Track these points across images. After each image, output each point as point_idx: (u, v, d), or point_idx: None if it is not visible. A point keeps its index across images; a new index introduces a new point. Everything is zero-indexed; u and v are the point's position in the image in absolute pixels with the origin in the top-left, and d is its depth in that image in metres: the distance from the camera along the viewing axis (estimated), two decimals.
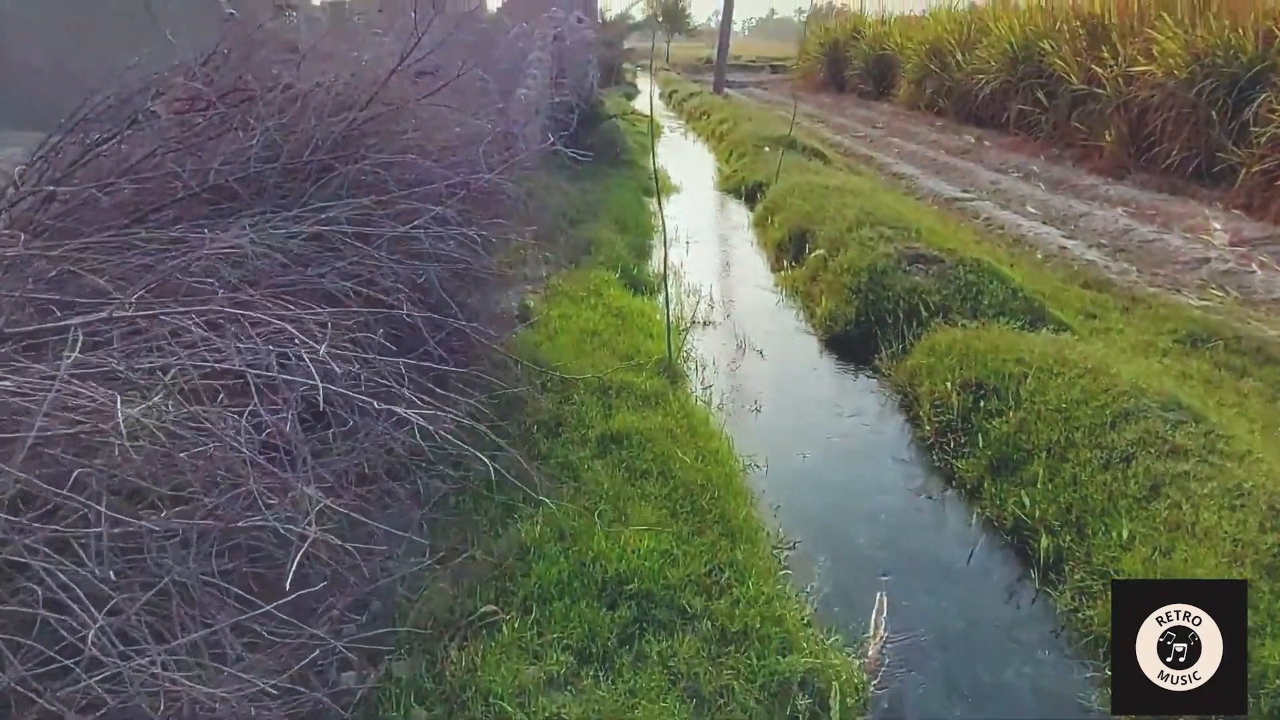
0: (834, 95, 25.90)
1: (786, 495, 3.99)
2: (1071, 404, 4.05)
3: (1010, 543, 3.69)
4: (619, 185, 10.34)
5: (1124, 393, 4.06)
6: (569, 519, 2.99)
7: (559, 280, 6.08)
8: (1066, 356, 4.50)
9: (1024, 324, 5.41)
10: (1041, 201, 10.81)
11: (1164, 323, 6.17)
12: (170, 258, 2.42)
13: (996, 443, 4.10)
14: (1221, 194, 9.97)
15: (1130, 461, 3.60)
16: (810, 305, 6.80)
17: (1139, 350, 5.54)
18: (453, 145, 4.48)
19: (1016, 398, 4.28)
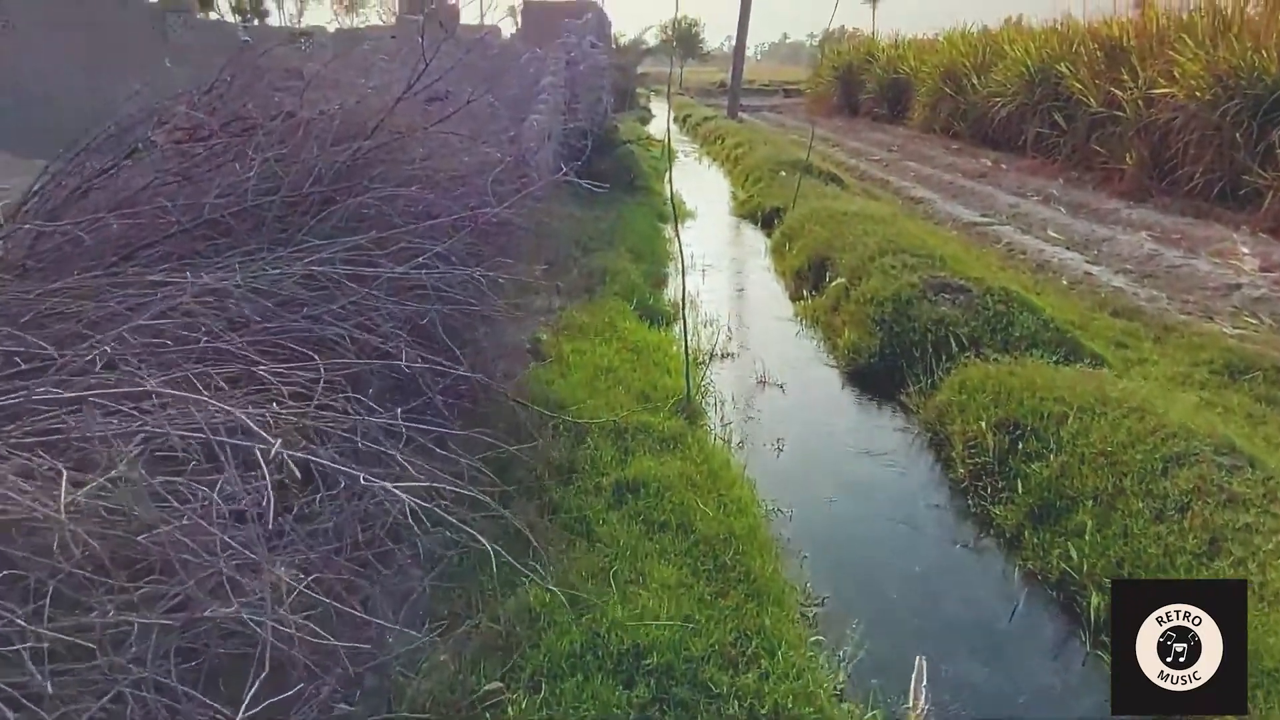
0: (848, 119, 25.81)
1: (814, 545, 3.74)
2: (1118, 447, 3.79)
3: (1056, 599, 3.43)
4: (634, 212, 10.17)
5: (1173, 434, 3.81)
6: (582, 580, 2.76)
7: (573, 312, 5.88)
8: (1108, 394, 4.25)
9: (1058, 357, 5.16)
10: (1063, 226, 10.57)
11: (1199, 353, 5.91)
12: (152, 301, 2.22)
13: (1037, 488, 3.84)
14: (1248, 217, 9.71)
15: (1186, 512, 3.35)
16: (832, 336, 6.57)
17: (1175, 382, 5.28)
18: (461, 174, 4.31)
19: (1057, 439, 4.02)
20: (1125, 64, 12.73)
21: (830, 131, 22.59)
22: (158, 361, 1.99)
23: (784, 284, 8.62)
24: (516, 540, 2.69)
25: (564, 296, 6.27)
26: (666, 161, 8.79)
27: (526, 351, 4.88)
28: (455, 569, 2.76)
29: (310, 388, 2.13)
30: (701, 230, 10.95)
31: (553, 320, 5.71)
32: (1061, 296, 7.36)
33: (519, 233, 4.52)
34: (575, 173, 5.26)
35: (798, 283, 8.20)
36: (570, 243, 7.29)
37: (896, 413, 5.37)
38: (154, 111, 4.14)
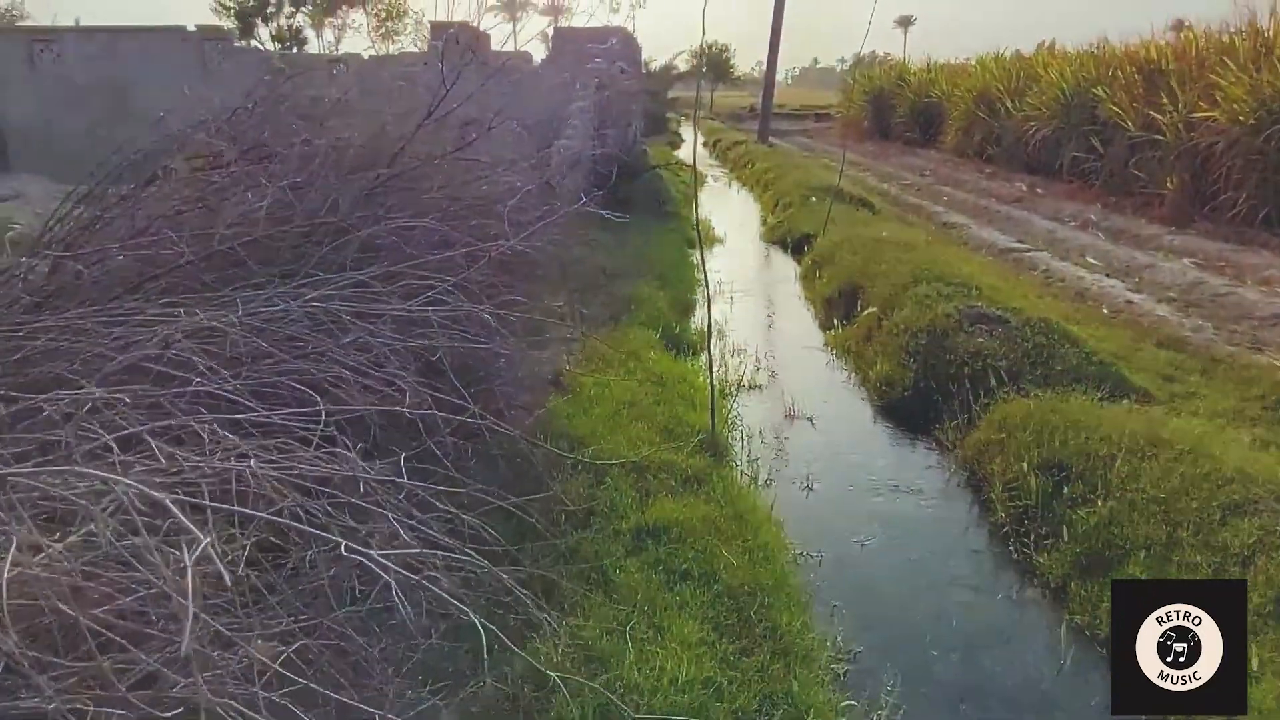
0: (879, 143, 25.63)
1: (845, 594, 3.55)
2: (1171, 493, 3.57)
3: (1105, 656, 3.20)
4: (661, 237, 10.07)
5: (1230, 480, 3.58)
6: (596, 637, 2.58)
7: (596, 341, 5.75)
8: (1159, 435, 4.02)
9: (1103, 393, 4.92)
10: (1103, 252, 10.30)
11: (1249, 387, 5.64)
12: (143, 340, 2.11)
13: (1084, 536, 3.63)
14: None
15: (1248, 566, 3.11)
16: (863, 367, 6.37)
17: (1226, 418, 5.01)
18: (483, 202, 4.19)
19: (1106, 483, 3.80)
20: (1164, 87, 12.46)
21: (861, 156, 22.41)
22: (145, 404, 1.87)
23: (814, 312, 8.46)
24: (529, 589, 2.52)
25: (589, 325, 6.15)
26: (694, 187, 8.63)
27: (548, 384, 4.74)
28: (463, 623, 2.59)
29: (309, 431, 2.00)
30: (731, 257, 10.81)
31: (576, 350, 5.58)
32: (1103, 326, 7.09)
33: (542, 261, 4.39)
34: (603, 199, 5.14)
35: (828, 311, 8.03)
36: (597, 270, 7.18)
37: (931, 449, 5.17)
38: (176, 139, 4.10)
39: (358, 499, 1.88)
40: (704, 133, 30.28)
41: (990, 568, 3.94)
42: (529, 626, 2.51)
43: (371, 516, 1.88)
